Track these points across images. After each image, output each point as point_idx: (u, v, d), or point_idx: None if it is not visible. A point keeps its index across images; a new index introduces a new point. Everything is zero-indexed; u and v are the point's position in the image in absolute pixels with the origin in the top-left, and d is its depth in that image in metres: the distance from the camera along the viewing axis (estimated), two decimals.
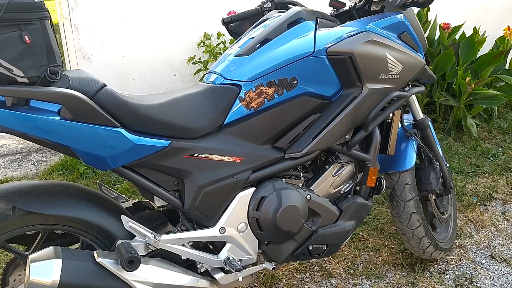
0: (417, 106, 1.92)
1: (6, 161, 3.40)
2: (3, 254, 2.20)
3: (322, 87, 1.50)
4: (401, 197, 1.88)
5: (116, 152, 1.27)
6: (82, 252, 1.31)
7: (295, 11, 1.55)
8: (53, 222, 1.32)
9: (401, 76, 1.63)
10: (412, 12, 1.77)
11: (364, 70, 1.51)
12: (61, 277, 1.18)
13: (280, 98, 1.46)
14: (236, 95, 1.44)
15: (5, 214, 1.27)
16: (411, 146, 1.88)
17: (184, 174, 1.39)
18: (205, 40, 3.57)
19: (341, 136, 1.58)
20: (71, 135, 1.21)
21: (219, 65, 1.55)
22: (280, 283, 1.98)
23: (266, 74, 1.45)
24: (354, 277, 2.03)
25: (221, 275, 1.47)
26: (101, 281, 1.26)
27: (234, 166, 1.45)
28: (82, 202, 1.35)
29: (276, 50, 1.47)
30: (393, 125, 1.71)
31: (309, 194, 1.56)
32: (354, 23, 1.60)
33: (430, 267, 2.09)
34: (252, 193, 1.48)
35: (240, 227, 1.48)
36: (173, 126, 1.35)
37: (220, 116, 1.43)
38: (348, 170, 1.71)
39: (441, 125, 3.72)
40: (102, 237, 1.37)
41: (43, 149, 3.57)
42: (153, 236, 1.35)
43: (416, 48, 1.72)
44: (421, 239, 1.94)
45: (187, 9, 3.59)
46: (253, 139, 1.48)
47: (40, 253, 1.23)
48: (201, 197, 1.41)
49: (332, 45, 1.47)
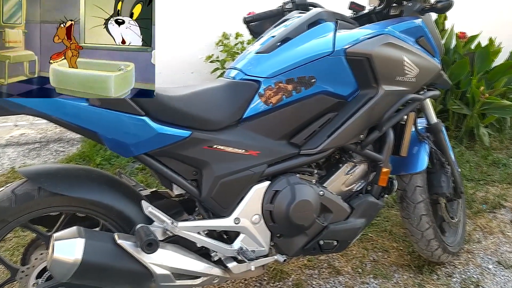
0: (432, 110, 1.95)
1: (25, 149, 3.49)
2: (20, 235, 2.27)
3: (339, 86, 1.54)
4: (411, 198, 1.91)
5: (139, 140, 1.33)
6: (103, 234, 1.36)
7: (316, 12, 1.60)
8: (75, 204, 1.37)
9: (417, 79, 1.66)
10: (430, 18, 1.80)
11: (380, 71, 1.55)
12: (83, 255, 1.23)
13: (298, 95, 1.51)
14: (255, 90, 1.49)
15: (30, 194, 1.33)
16: (424, 149, 1.91)
17: (202, 164, 1.44)
18: (223, 39, 3.63)
19: (355, 136, 1.62)
20: (98, 121, 1.26)
21: (240, 62, 1.60)
22: (289, 278, 2.02)
23: (286, 71, 1.49)
24: (362, 276, 2.06)
25: (234, 264, 1.52)
26: (120, 262, 1.31)
27: (250, 159, 1.49)
28: (104, 187, 1.41)
29: (296, 48, 1.52)
30: (406, 127, 1.75)
31: (322, 190, 1.60)
32: (373, 26, 1.64)
33: (438, 270, 2.11)
34: (267, 187, 1.53)
35: (254, 219, 1.52)
36: (195, 118, 1.40)
37: (239, 111, 1.48)
38: (361, 169, 1.74)
39: (454, 133, 3.73)
40: (121, 221, 1.42)
41: (61, 139, 3.66)
42: (170, 222, 1.40)
43: (433, 53, 1.76)
44: (430, 242, 1.97)
45: (207, 9, 3.66)
46: (270, 134, 1.52)
47: (64, 232, 1.28)
48: (218, 187, 1.46)
49: (350, 46, 1.51)
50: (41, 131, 3.91)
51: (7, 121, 3.94)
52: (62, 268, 1.23)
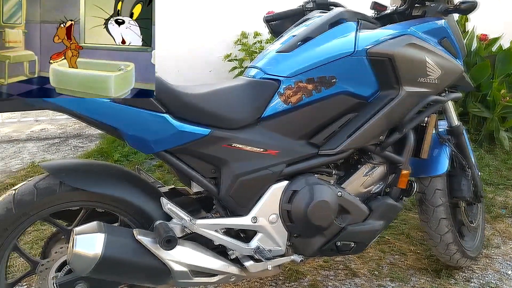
0: (453, 112, 1.93)
1: (45, 144, 3.54)
2: (40, 229, 2.30)
3: (360, 87, 1.53)
4: (431, 202, 1.89)
5: (160, 137, 1.34)
6: (123, 229, 1.38)
7: (337, 11, 1.59)
8: (96, 199, 1.39)
9: (439, 81, 1.64)
10: (453, 19, 1.78)
11: (403, 72, 1.54)
12: (103, 250, 1.25)
13: (318, 95, 1.50)
14: (275, 90, 1.48)
15: (52, 188, 1.35)
16: (444, 152, 1.89)
17: (221, 162, 1.45)
18: (242, 38, 3.64)
19: (375, 137, 1.61)
20: (120, 118, 1.28)
21: (260, 61, 1.60)
22: (304, 279, 2.02)
23: (306, 71, 1.48)
24: (379, 279, 2.04)
25: (251, 263, 1.52)
26: (138, 257, 1.32)
27: (269, 159, 1.49)
28: (124, 183, 1.42)
29: (317, 48, 1.51)
30: (427, 129, 1.72)
31: (340, 191, 1.59)
32: (396, 26, 1.63)
33: (455, 274, 2.09)
34: (285, 186, 1.52)
35: (272, 218, 1.52)
36: (214, 116, 1.41)
37: (259, 110, 1.48)
38: (380, 171, 1.73)
39: (473, 136, 3.68)
40: (140, 217, 1.43)
41: (81, 135, 3.71)
42: (189, 219, 1.40)
43: (456, 54, 1.74)
44: (449, 245, 1.94)
45: (226, 8, 3.66)
46: (289, 133, 1.52)
47: (84, 227, 1.30)
48: (236, 186, 1.46)
49: (372, 46, 1.50)
50: (61, 127, 3.97)
51: (27, 116, 4.00)
52: (82, 262, 1.25)
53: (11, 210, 1.32)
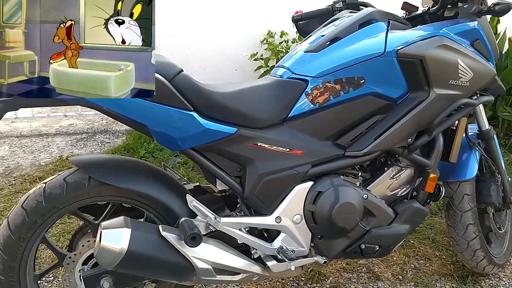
0: (484, 116, 1.88)
1: (73, 139, 3.61)
2: (67, 222, 2.35)
3: (389, 88, 1.51)
4: (458, 207, 1.85)
5: (187, 134, 1.34)
6: (148, 225, 1.39)
7: (368, 11, 1.57)
8: (123, 195, 1.41)
9: (470, 83, 1.61)
10: (486, 21, 1.74)
11: (433, 74, 1.51)
12: (129, 245, 1.27)
13: (345, 96, 1.49)
14: (302, 90, 1.47)
15: (81, 183, 1.37)
16: (474, 156, 1.85)
17: (247, 161, 1.45)
18: (268, 37, 3.63)
19: (403, 139, 1.58)
20: (148, 115, 1.29)
21: (288, 60, 1.59)
22: (326, 280, 2.00)
23: (334, 71, 1.47)
24: (402, 283, 2.01)
25: (274, 263, 1.52)
26: (163, 253, 1.34)
27: (294, 159, 1.48)
28: (151, 179, 1.44)
29: (346, 48, 1.50)
30: (457, 132, 1.69)
31: (366, 193, 1.57)
32: (427, 27, 1.60)
33: (482, 281, 2.04)
34: (310, 187, 1.52)
35: (296, 219, 1.51)
36: (241, 115, 1.41)
37: (285, 109, 1.47)
38: (407, 174, 1.70)
39: (503, 141, 3.60)
40: (165, 214, 1.45)
41: (108, 130, 3.77)
42: (214, 217, 1.41)
43: (488, 57, 1.70)
44: (476, 252, 1.90)
45: (253, 7, 3.67)
46: (315, 134, 1.51)
47: (111, 221, 1.32)
48: (261, 185, 1.46)
49: (403, 47, 1.48)
50: (89, 122, 4.04)
51: (57, 111, 4.09)
52: (109, 256, 1.27)
53: (41, 203, 1.35)
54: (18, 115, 4.01)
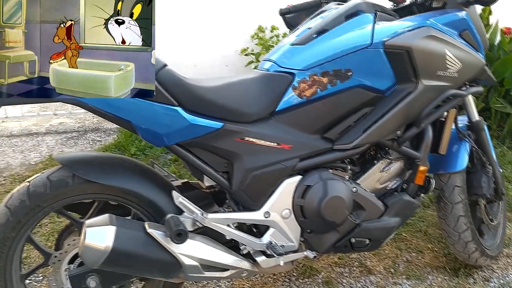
0: (473, 107, 1.87)
1: (63, 138, 3.58)
2: (56, 221, 2.33)
3: (377, 80, 1.50)
4: (449, 199, 1.85)
5: (172, 130, 1.32)
6: (134, 222, 1.37)
7: (354, 3, 1.55)
8: (109, 192, 1.39)
9: (459, 74, 1.59)
10: (474, 11, 1.72)
11: (421, 65, 1.49)
12: (114, 243, 1.25)
13: (333, 88, 1.47)
14: (289, 83, 1.46)
15: (65, 181, 1.35)
16: (464, 148, 1.84)
17: (234, 156, 1.43)
18: (259, 32, 3.61)
19: (392, 131, 1.57)
20: (132, 111, 1.27)
21: (274, 53, 1.57)
22: (318, 275, 1.99)
23: (321, 64, 1.45)
24: (394, 276, 2.01)
25: (263, 258, 1.50)
26: (149, 251, 1.32)
27: (282, 153, 1.47)
28: (137, 176, 1.42)
29: (332, 40, 1.48)
30: (446, 124, 1.68)
31: (355, 187, 1.56)
32: (414, 18, 1.58)
33: (474, 274, 2.04)
34: (299, 181, 1.50)
35: (284, 213, 1.50)
36: (227, 109, 1.39)
37: (272, 103, 1.45)
38: (397, 167, 1.69)
39: (496, 132, 3.60)
40: (152, 210, 1.43)
41: (99, 129, 3.74)
42: (200, 213, 1.39)
43: (477, 47, 1.68)
44: (467, 244, 1.89)
45: (243, 1, 3.64)
46: (303, 128, 1.49)
47: (96, 219, 1.30)
48: (249, 180, 1.44)
49: (390, 39, 1.46)
50: (80, 121, 4.01)
51: (46, 110, 4.06)
52: (93, 254, 1.25)
53: (25, 201, 1.33)
54: (8, 115, 3.97)
